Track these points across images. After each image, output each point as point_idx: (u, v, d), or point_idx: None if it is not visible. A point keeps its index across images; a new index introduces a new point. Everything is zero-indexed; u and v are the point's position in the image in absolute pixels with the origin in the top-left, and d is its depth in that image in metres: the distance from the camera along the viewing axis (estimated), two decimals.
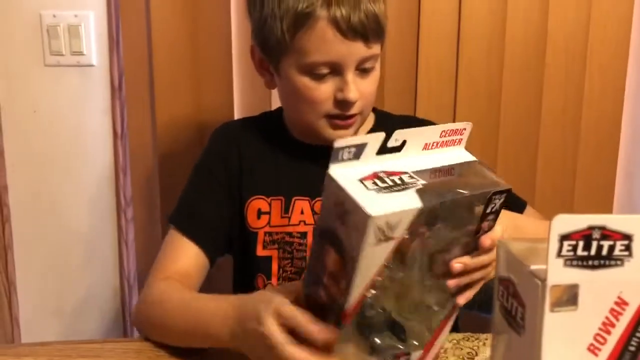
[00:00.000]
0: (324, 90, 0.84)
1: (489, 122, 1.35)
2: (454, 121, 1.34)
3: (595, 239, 0.42)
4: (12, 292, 1.43)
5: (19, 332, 1.45)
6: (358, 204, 0.56)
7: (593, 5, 1.30)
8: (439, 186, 0.61)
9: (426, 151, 0.65)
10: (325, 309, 0.63)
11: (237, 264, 1.02)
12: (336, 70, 0.83)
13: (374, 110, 0.99)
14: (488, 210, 0.63)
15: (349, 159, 0.60)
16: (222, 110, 1.32)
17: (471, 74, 1.33)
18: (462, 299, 0.67)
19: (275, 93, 1.31)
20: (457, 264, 0.64)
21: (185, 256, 0.92)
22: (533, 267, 0.45)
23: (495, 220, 0.65)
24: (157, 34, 1.31)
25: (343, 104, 0.85)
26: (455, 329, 1.00)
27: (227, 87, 1.33)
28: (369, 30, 0.81)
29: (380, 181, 0.59)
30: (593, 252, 0.43)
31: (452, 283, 0.65)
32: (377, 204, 0.56)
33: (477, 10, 1.31)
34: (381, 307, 0.64)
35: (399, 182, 0.60)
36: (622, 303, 0.44)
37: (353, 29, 0.80)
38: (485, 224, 0.64)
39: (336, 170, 0.59)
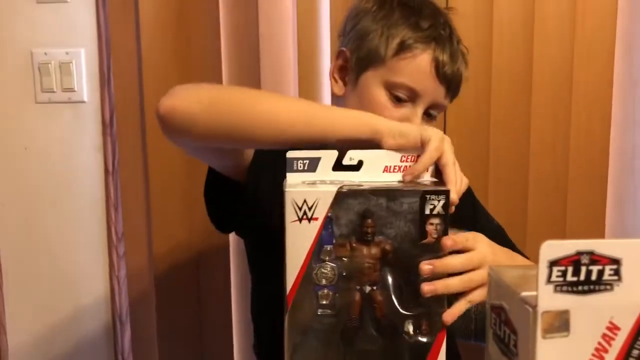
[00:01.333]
0: (392, 114, 0.89)
1: (479, 154, 1.36)
2: None
3: (584, 264, 0.42)
4: (1, 333, 1.41)
5: None
6: (284, 188, 0.64)
7: (576, 33, 1.32)
8: (371, 186, 0.66)
9: (386, 174, 0.69)
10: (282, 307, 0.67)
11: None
12: (412, 99, 0.89)
13: None
14: (427, 212, 0.64)
15: (304, 170, 0.67)
16: None
17: (459, 106, 1.34)
18: (447, 316, 0.67)
19: None
20: (426, 265, 0.65)
21: None
22: (524, 293, 0.45)
23: (444, 225, 0.65)
24: (147, 71, 1.32)
25: None
26: (456, 358, 0.99)
27: None
28: (453, 83, 0.92)
29: (320, 182, 0.66)
30: (582, 277, 0.43)
31: (426, 287, 0.65)
32: (299, 187, 0.64)
33: (463, 42, 1.33)
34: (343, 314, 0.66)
35: (336, 182, 0.66)
36: (613, 328, 0.44)
37: (445, 75, 0.90)
38: (430, 227, 0.65)
39: (291, 176, 0.67)
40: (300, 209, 0.62)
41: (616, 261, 0.43)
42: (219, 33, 1.31)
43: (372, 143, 0.72)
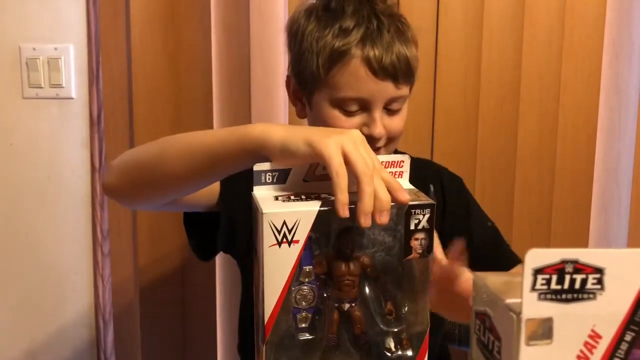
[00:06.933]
0: (352, 124, 0.86)
1: (466, 159, 1.37)
2: (431, 157, 1.36)
3: (568, 273, 0.43)
4: None
5: None
6: (258, 206, 0.58)
7: (565, 41, 1.34)
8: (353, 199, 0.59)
9: None
10: (257, 333, 0.62)
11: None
12: (365, 107, 0.86)
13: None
14: (412, 227, 0.61)
15: (272, 183, 0.62)
16: None
17: (448, 111, 1.35)
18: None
19: None
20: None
21: None
22: (508, 300, 0.45)
23: (428, 240, 0.62)
24: (137, 68, 1.31)
25: (369, 139, 0.85)
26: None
27: (207, 122, 1.34)
28: (399, 72, 0.84)
29: (294, 196, 0.61)
30: (566, 285, 0.43)
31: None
32: (275, 207, 0.58)
33: (453, 48, 1.34)
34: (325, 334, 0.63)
35: (312, 197, 0.61)
36: (595, 336, 0.44)
37: (384, 69, 0.83)
38: (415, 243, 0.62)
39: (259, 191, 0.62)
40: (279, 232, 0.56)
41: (599, 270, 0.43)
42: (209, 31, 1.31)
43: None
